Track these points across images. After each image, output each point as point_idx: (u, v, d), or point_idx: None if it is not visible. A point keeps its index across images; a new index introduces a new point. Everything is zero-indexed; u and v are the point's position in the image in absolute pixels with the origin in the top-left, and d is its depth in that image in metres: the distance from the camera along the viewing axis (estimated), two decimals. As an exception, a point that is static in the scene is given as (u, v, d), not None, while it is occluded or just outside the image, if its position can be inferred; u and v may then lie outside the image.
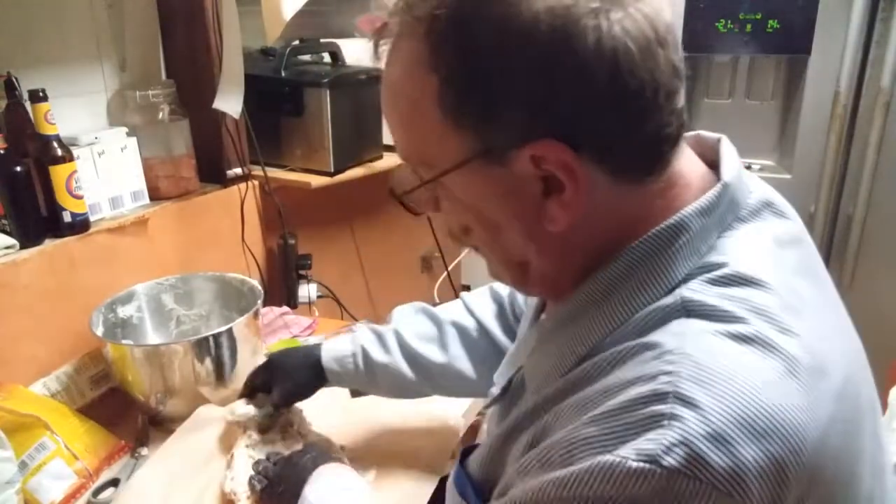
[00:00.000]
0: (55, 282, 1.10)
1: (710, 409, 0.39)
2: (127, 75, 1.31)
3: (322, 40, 1.60)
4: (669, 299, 0.47)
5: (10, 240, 1.05)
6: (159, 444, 0.97)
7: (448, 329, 0.89)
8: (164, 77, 1.38)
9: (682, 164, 0.51)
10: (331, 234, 1.75)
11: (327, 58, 1.61)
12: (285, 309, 1.43)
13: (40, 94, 1.04)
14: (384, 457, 0.96)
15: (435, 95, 0.47)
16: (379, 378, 0.89)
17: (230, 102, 1.31)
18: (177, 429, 0.98)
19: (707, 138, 0.56)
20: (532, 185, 0.48)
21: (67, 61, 1.22)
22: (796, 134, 1.77)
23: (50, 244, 1.10)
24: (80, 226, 1.13)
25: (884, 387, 0.86)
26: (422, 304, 0.94)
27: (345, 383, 0.93)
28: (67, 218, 1.11)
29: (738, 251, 0.48)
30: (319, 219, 1.67)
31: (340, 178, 1.51)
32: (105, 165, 1.21)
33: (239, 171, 1.43)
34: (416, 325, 0.91)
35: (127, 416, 1.06)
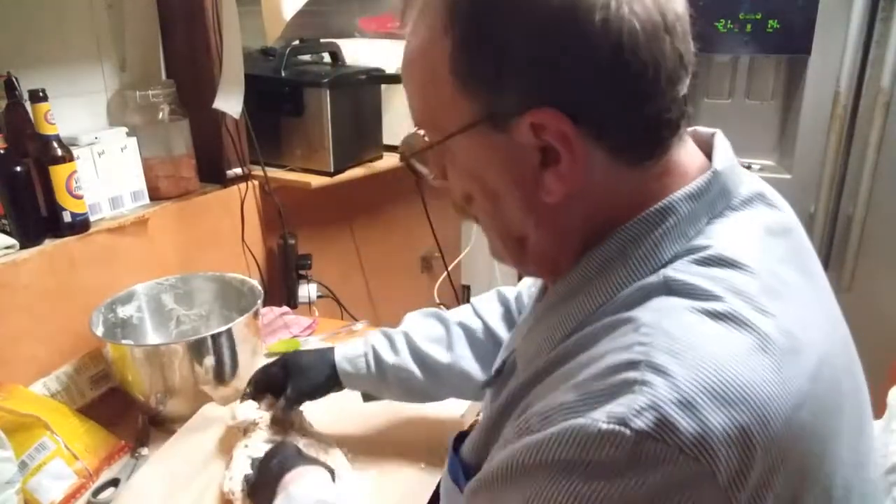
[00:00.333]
0: (55, 282, 1.10)
1: (680, 376, 0.40)
2: (127, 75, 1.31)
3: (322, 40, 1.60)
4: (653, 278, 0.48)
5: (10, 240, 1.05)
6: (159, 444, 0.97)
7: (455, 330, 0.91)
8: (164, 77, 1.38)
9: (681, 154, 0.52)
10: (331, 234, 1.75)
11: (327, 58, 1.61)
12: (285, 309, 1.43)
13: (40, 94, 1.04)
14: (384, 457, 0.96)
15: (448, 59, 0.49)
16: (389, 379, 0.91)
17: (230, 102, 1.31)
18: (177, 429, 0.98)
19: (702, 133, 0.58)
20: (531, 154, 0.49)
21: (67, 61, 1.22)
22: (796, 134, 1.77)
23: (50, 244, 1.10)
24: (80, 226, 1.13)
25: (884, 387, 0.86)
26: (433, 309, 0.97)
27: (357, 385, 0.94)
28: (67, 218, 1.11)
29: (724, 236, 0.50)
30: (319, 219, 1.67)
31: (340, 178, 1.51)
32: (105, 165, 1.21)
33: (239, 171, 1.43)
34: (425, 327, 0.93)
35: (127, 416, 1.06)
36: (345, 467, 0.93)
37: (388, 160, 1.63)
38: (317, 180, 1.47)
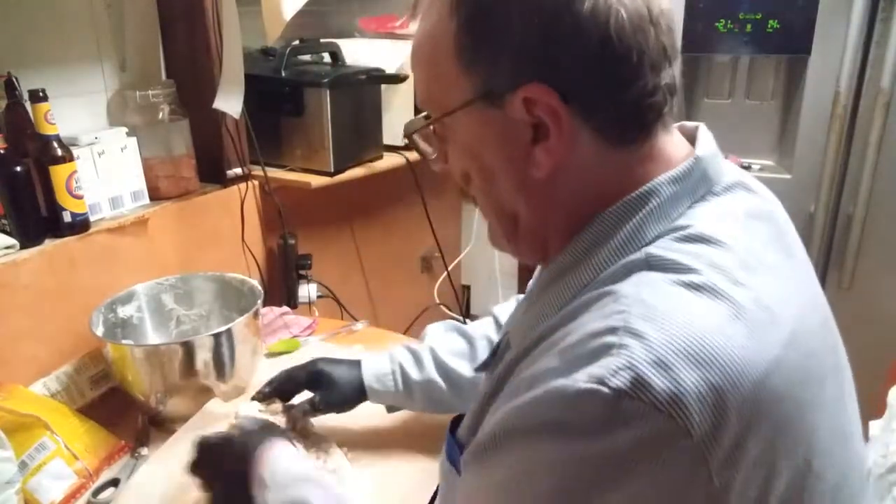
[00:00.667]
0: (55, 282, 1.10)
1: (655, 339, 0.43)
2: (127, 75, 1.31)
3: (322, 40, 1.60)
4: (636, 255, 0.51)
5: (10, 240, 1.05)
6: (159, 444, 0.97)
7: (479, 344, 0.94)
8: (164, 77, 1.38)
9: (666, 143, 0.55)
10: (331, 234, 1.75)
11: (327, 58, 1.61)
12: (285, 309, 1.43)
13: (40, 94, 1.04)
14: (384, 457, 0.96)
15: (452, 39, 0.53)
16: (416, 395, 0.94)
17: (230, 102, 1.31)
18: (177, 429, 0.98)
19: (688, 126, 0.61)
20: (524, 130, 0.53)
21: (67, 61, 1.22)
22: (796, 134, 1.76)
23: (50, 244, 1.10)
24: (80, 226, 1.14)
25: (884, 387, 0.86)
26: (454, 322, 1.00)
27: (383, 401, 0.97)
28: (67, 218, 1.11)
29: (706, 217, 0.53)
30: (319, 219, 1.67)
31: (340, 178, 1.51)
32: (105, 165, 1.21)
33: (239, 171, 1.43)
34: (449, 341, 0.96)
35: (127, 416, 1.06)
36: (345, 467, 0.93)
37: (388, 160, 1.63)
38: (317, 180, 1.47)
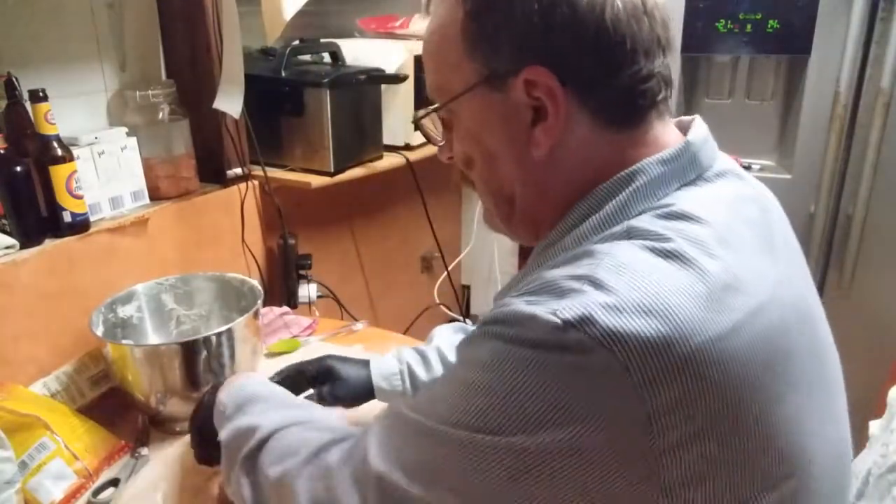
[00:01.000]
0: (55, 282, 1.10)
1: (615, 288, 0.46)
2: (127, 75, 1.31)
3: (322, 40, 1.60)
4: (618, 227, 0.54)
5: (10, 240, 1.05)
6: (159, 444, 0.97)
7: None
8: (164, 77, 1.38)
9: (660, 131, 0.58)
10: (331, 234, 1.75)
11: (327, 58, 1.61)
12: (285, 309, 1.43)
13: (40, 94, 1.04)
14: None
15: (460, 27, 0.57)
16: None
17: (230, 102, 1.31)
18: (177, 429, 0.98)
19: (685, 120, 0.63)
20: (524, 113, 0.57)
21: (67, 61, 1.22)
22: (796, 134, 1.76)
23: (50, 244, 1.10)
24: (80, 226, 1.13)
25: (884, 387, 0.86)
26: (461, 324, 1.02)
27: (390, 399, 0.97)
28: (67, 218, 1.11)
29: (690, 198, 0.55)
30: (319, 219, 1.67)
31: (340, 178, 1.51)
32: (105, 165, 1.21)
33: (239, 171, 1.43)
34: (456, 341, 0.95)
35: (127, 416, 1.06)
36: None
37: (388, 160, 1.63)
38: (317, 180, 1.47)
